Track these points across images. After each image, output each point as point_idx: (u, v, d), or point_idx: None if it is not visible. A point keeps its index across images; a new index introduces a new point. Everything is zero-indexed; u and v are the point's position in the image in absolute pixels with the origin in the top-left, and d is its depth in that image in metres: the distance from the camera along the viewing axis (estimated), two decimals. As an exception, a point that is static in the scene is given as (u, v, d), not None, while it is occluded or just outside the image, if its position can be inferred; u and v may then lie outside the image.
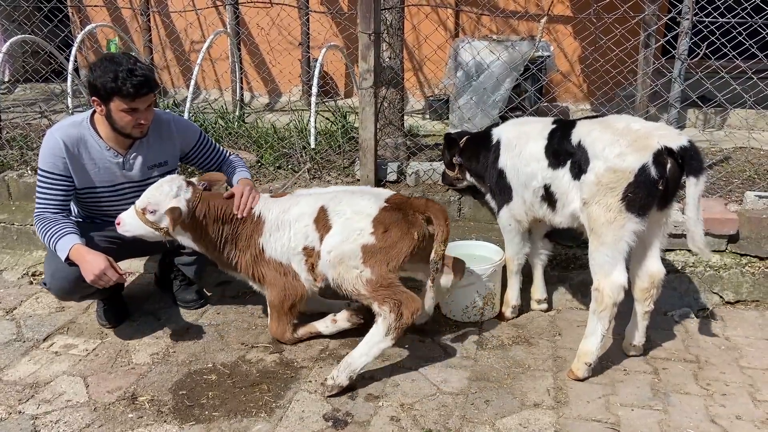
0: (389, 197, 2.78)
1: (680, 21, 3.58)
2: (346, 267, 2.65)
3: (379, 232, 2.65)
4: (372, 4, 3.48)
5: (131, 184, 2.98)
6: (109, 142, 2.88)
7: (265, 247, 2.84)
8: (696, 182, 2.45)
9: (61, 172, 2.82)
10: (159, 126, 2.99)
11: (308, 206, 2.81)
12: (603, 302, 2.61)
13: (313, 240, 2.77)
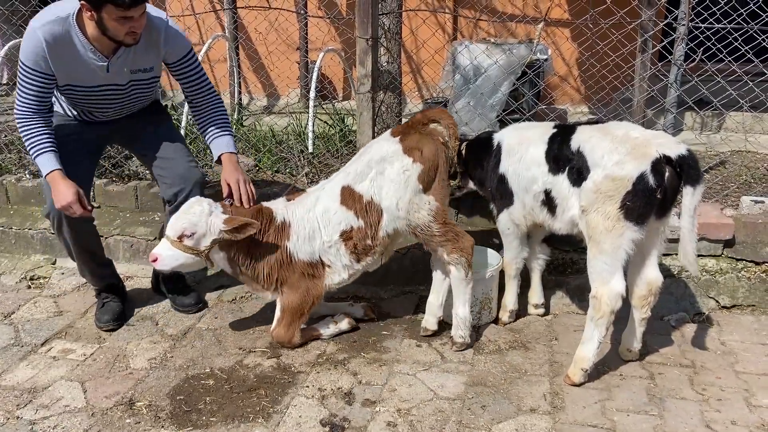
0: (392, 132, 2.94)
1: (676, 27, 3.60)
2: (416, 208, 2.82)
3: (417, 156, 2.81)
4: (369, 9, 3.49)
5: (114, 87, 2.93)
6: (94, 43, 2.78)
7: (293, 251, 2.88)
8: (693, 192, 2.46)
9: (42, 70, 2.76)
10: (149, 32, 2.87)
11: (329, 196, 2.90)
12: (601, 310, 2.61)
13: (348, 220, 2.86)
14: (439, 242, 2.87)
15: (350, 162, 3.00)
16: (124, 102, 3.03)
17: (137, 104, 3.12)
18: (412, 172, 2.81)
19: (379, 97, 4.09)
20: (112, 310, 3.18)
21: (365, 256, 2.95)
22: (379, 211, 2.88)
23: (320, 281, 2.94)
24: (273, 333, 2.97)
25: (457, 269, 2.89)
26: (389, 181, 2.83)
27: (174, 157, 3.10)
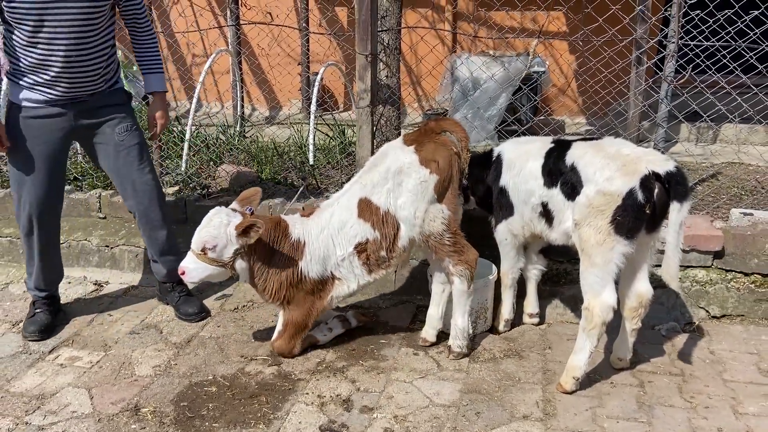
0: (406, 141, 2.98)
1: (666, 44, 3.70)
2: (432, 217, 2.89)
3: (434, 168, 2.88)
4: (369, 27, 3.59)
5: (66, 7, 2.86)
6: None
7: (305, 271, 2.92)
8: (679, 208, 2.54)
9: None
10: None
11: (345, 209, 2.94)
12: (592, 321, 2.69)
13: (364, 233, 2.91)
14: (448, 252, 2.94)
15: (364, 172, 3.02)
16: (79, 30, 2.92)
17: (93, 46, 3.00)
18: (429, 183, 2.87)
19: (379, 110, 4.18)
20: (41, 321, 3.26)
21: (378, 268, 2.99)
22: (395, 222, 2.92)
23: (327, 295, 2.99)
24: (274, 345, 3.03)
25: (460, 281, 2.96)
26: (407, 192, 2.88)
27: (129, 171, 3.20)
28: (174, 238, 3.41)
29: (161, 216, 3.30)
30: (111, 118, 3.16)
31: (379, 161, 2.98)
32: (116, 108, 3.19)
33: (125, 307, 3.53)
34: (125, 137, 3.18)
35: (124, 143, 3.17)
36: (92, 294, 3.68)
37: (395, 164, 2.90)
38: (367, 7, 3.56)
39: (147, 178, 3.23)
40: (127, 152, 3.18)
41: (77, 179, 4.28)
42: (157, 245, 3.35)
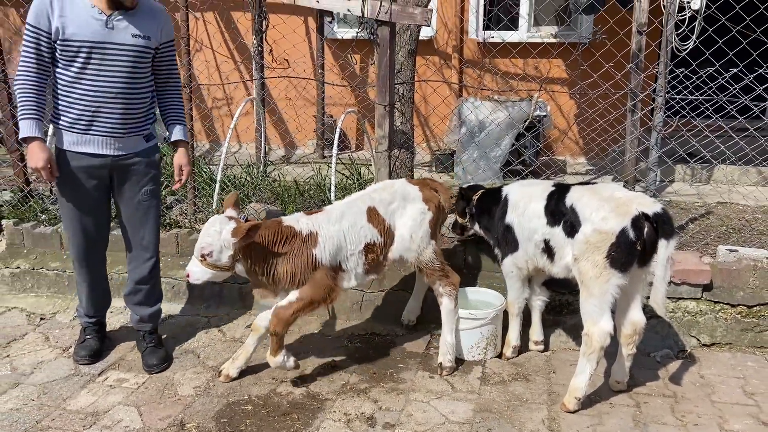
0: (409, 181, 3.59)
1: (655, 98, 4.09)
2: (425, 244, 3.39)
3: (432, 207, 3.45)
4: (387, 81, 3.99)
5: (115, 47, 3.08)
6: (96, 3, 3.04)
7: (319, 256, 3.18)
8: (666, 244, 2.87)
9: (43, 27, 2.99)
10: (151, 6, 3.25)
11: (356, 214, 3.31)
12: (592, 346, 3.00)
13: (372, 236, 3.32)
14: (438, 276, 3.44)
15: (371, 190, 3.48)
16: (123, 71, 3.13)
17: (134, 88, 3.21)
18: (426, 217, 3.42)
19: (394, 154, 4.56)
20: (91, 347, 3.55)
21: (373, 271, 3.40)
22: (392, 237, 3.39)
23: (338, 283, 3.26)
24: (280, 312, 3.15)
25: (449, 300, 3.44)
26: (408, 216, 3.40)
27: (141, 227, 3.44)
28: (156, 292, 3.62)
29: (151, 271, 3.53)
30: (141, 177, 3.37)
31: (388, 186, 3.49)
32: (149, 167, 3.39)
33: (163, 335, 3.84)
34: (148, 199, 3.42)
35: (146, 204, 3.42)
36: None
37: (403, 191, 3.45)
38: (386, 64, 3.97)
39: (155, 237, 3.51)
40: (145, 212, 3.43)
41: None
42: (139, 296, 3.56)
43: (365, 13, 3.88)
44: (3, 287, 4.47)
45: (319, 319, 4.05)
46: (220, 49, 7.41)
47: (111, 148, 3.24)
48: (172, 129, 3.47)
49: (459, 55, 6.99)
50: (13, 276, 4.46)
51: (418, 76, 6.30)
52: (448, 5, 6.85)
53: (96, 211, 3.38)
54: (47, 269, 4.41)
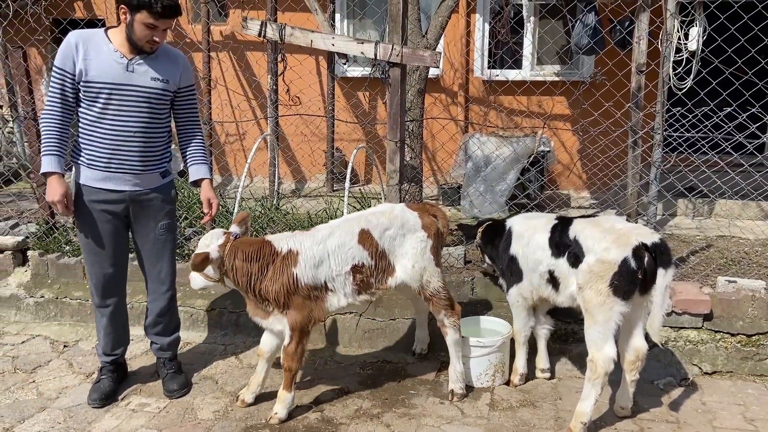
0: (409, 207, 3.56)
1: (654, 135, 4.30)
2: (429, 273, 3.43)
3: (431, 234, 3.46)
4: (399, 119, 4.20)
5: (134, 89, 3.25)
6: (119, 48, 3.23)
7: (299, 276, 3.23)
8: (665, 273, 3.02)
9: (70, 70, 3.17)
10: (170, 51, 3.42)
11: (346, 233, 3.32)
12: (596, 372, 3.13)
13: (361, 257, 3.32)
14: (444, 306, 3.48)
15: (369, 212, 3.48)
16: (142, 112, 3.28)
17: (152, 129, 3.35)
18: (427, 245, 3.44)
19: (404, 188, 4.76)
20: (103, 389, 3.55)
21: (364, 292, 3.38)
22: (390, 263, 3.40)
23: (323, 303, 3.30)
24: (287, 349, 3.28)
25: (454, 331, 3.52)
26: (409, 245, 3.41)
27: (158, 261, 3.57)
28: (174, 322, 3.74)
29: (169, 302, 3.66)
30: (158, 212, 3.49)
31: (388, 211, 3.46)
32: (165, 204, 3.52)
33: (183, 361, 3.97)
34: (164, 233, 3.54)
35: (162, 238, 3.54)
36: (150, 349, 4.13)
37: (403, 218, 3.43)
38: (397, 103, 4.18)
39: (172, 269, 3.64)
40: (162, 246, 3.55)
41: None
42: (158, 326, 3.68)
43: (378, 56, 4.11)
44: (28, 315, 4.63)
45: (332, 346, 4.19)
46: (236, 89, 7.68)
47: (128, 185, 3.36)
48: (194, 168, 3.57)
49: (465, 93, 7.24)
50: (37, 305, 4.63)
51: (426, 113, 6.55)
52: (454, 46, 7.13)
53: (114, 245, 3.46)
54: (71, 298, 4.57)
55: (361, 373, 3.88)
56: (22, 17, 6.18)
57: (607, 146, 4.28)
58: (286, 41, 4.32)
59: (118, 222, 3.45)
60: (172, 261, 3.66)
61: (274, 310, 3.29)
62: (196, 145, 3.58)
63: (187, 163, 3.61)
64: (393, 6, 4.04)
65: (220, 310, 4.38)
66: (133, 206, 3.44)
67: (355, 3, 7.26)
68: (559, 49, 6.56)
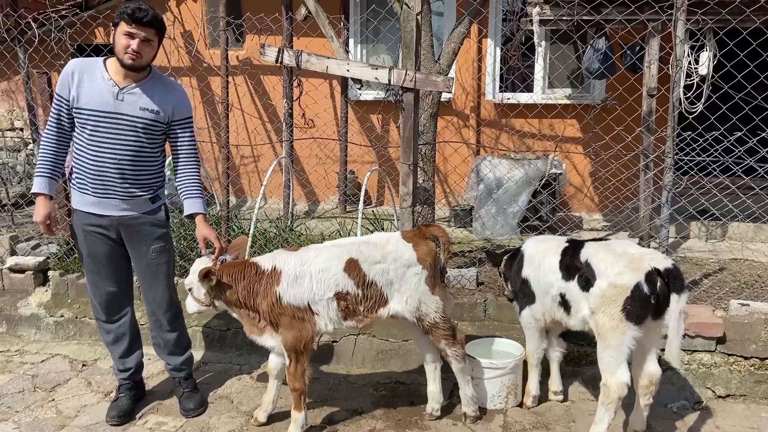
0: (405, 237, 3.40)
1: (665, 158, 4.35)
2: (426, 306, 3.35)
3: (427, 265, 3.35)
4: (412, 142, 4.28)
5: (122, 117, 3.26)
6: (113, 77, 3.26)
7: (282, 295, 3.25)
8: (678, 299, 3.04)
9: (66, 96, 3.26)
10: (168, 84, 3.43)
11: (333, 259, 3.29)
12: (610, 396, 3.13)
13: (346, 285, 3.26)
14: (444, 336, 3.40)
15: (363, 240, 3.42)
16: (130, 141, 3.30)
17: (141, 157, 3.36)
18: (422, 276, 3.33)
19: (417, 210, 4.82)
20: (121, 407, 3.60)
21: (351, 318, 3.33)
22: (382, 294, 3.32)
23: (310, 324, 3.29)
24: (288, 370, 3.33)
25: (457, 361, 3.46)
26: (405, 282, 3.32)
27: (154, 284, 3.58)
28: (183, 341, 3.76)
29: (171, 323, 3.67)
30: (149, 236, 3.50)
31: (381, 245, 3.35)
32: (155, 226, 3.51)
33: (198, 380, 4.03)
34: (156, 257, 3.53)
35: (155, 262, 3.53)
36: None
37: (396, 253, 3.32)
38: (410, 127, 4.27)
39: (168, 293, 3.62)
40: (156, 269, 3.55)
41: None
42: (167, 347, 3.71)
43: (391, 81, 4.21)
44: (47, 335, 4.72)
45: (346, 367, 4.22)
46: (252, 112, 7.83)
47: (116, 210, 3.38)
48: (189, 202, 3.52)
49: (477, 116, 7.33)
50: (57, 324, 4.72)
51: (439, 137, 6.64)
52: (466, 70, 7.24)
53: (112, 265, 3.49)
54: (89, 318, 4.65)
55: (375, 394, 3.91)
56: (47, 44, 6.37)
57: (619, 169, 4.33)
58: (302, 67, 4.43)
59: (114, 244, 3.47)
60: (169, 284, 3.63)
61: (266, 327, 3.35)
62: (191, 178, 3.52)
63: (181, 196, 3.55)
64: (407, 33, 4.14)
65: (235, 330, 4.44)
66: (124, 230, 3.45)
67: (369, 30, 7.41)
68: (570, 73, 6.65)
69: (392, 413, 3.66)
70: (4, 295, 4.97)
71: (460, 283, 4.64)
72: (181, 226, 5.37)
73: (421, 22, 4.27)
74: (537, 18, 5.16)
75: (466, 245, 5.95)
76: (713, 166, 4.07)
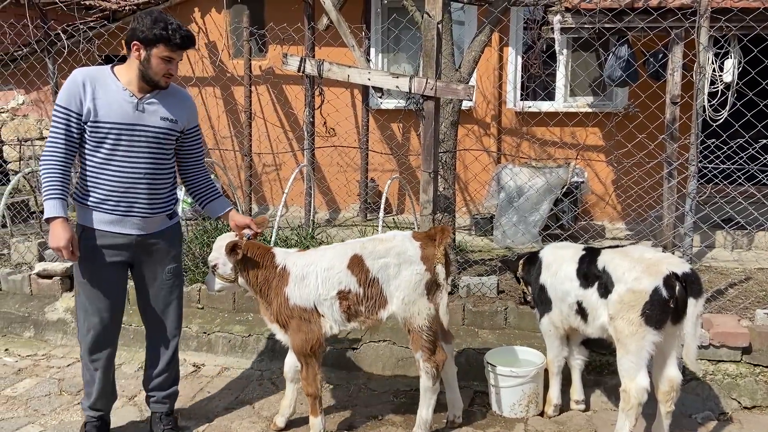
0: (415, 236, 3.32)
1: (688, 166, 4.31)
2: (418, 308, 3.23)
3: (430, 266, 3.23)
4: (432, 149, 4.30)
5: (144, 129, 3.12)
6: (128, 86, 3.09)
7: (289, 296, 3.25)
8: (695, 303, 3.02)
9: (74, 109, 3.02)
10: (179, 92, 3.31)
11: (337, 257, 3.26)
12: (630, 402, 3.12)
13: (349, 283, 3.22)
14: (422, 346, 3.25)
15: (368, 239, 3.38)
16: (151, 153, 3.16)
17: (160, 170, 3.23)
18: (423, 278, 3.21)
19: (437, 217, 4.83)
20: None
21: (354, 319, 3.28)
22: (383, 294, 3.24)
23: (318, 327, 3.26)
24: (301, 374, 3.35)
25: (427, 377, 3.27)
26: (404, 279, 3.21)
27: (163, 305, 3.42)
28: (174, 371, 3.54)
29: (173, 353, 3.49)
30: (165, 257, 3.35)
31: (387, 240, 3.30)
32: (172, 246, 3.39)
33: (220, 386, 4.08)
34: (171, 278, 3.39)
35: (169, 283, 3.39)
36: (192, 374, 4.26)
37: (400, 248, 3.24)
38: (431, 135, 4.29)
39: (178, 316, 3.48)
40: (169, 291, 3.40)
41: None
42: (156, 379, 3.48)
43: (412, 90, 4.24)
44: (74, 339, 4.79)
45: (366, 374, 4.24)
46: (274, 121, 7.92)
47: (137, 228, 3.21)
48: (217, 203, 3.48)
49: (497, 125, 7.33)
50: (82, 328, 4.79)
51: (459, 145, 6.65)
52: (487, 78, 7.25)
53: (116, 292, 3.31)
54: (114, 323, 4.73)
55: (395, 401, 3.92)
56: (76, 54, 6.53)
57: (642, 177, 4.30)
58: (324, 76, 4.48)
59: (122, 266, 3.30)
60: (180, 306, 3.50)
61: (274, 322, 3.35)
62: (209, 183, 3.49)
63: (204, 201, 3.49)
64: (428, 42, 4.17)
65: (257, 336, 4.49)
66: (139, 251, 3.28)
67: (390, 39, 7.47)
68: (592, 81, 6.63)
69: (412, 420, 3.63)
70: (32, 300, 5.08)
71: (481, 291, 4.63)
72: (204, 233, 5.45)
73: (442, 30, 4.29)
74: (558, 26, 5.16)
75: (487, 253, 5.94)
76: (738, 173, 4.02)
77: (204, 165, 3.52)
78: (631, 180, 4.40)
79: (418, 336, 3.25)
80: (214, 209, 3.50)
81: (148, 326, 3.47)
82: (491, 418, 3.68)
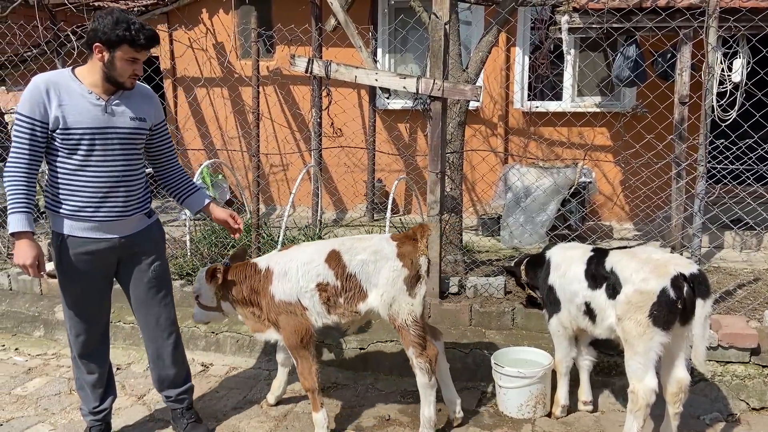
0: (393, 237, 3.38)
1: (697, 167, 4.29)
2: (399, 305, 3.26)
3: (407, 263, 3.26)
4: (439, 150, 4.30)
5: (115, 131, 3.05)
6: (92, 88, 3.00)
7: (274, 293, 3.35)
8: (703, 304, 3.01)
9: (40, 118, 2.91)
10: (142, 89, 3.22)
11: (316, 252, 3.35)
12: (638, 403, 3.11)
13: (326, 276, 3.29)
14: (412, 342, 3.27)
15: (347, 238, 3.47)
16: (124, 154, 3.10)
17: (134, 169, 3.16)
18: (400, 274, 3.25)
19: (444, 217, 4.84)
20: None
21: (334, 311, 3.34)
22: (362, 288, 3.29)
23: (303, 319, 3.34)
24: (297, 370, 3.41)
25: (422, 374, 3.28)
26: (383, 276, 3.26)
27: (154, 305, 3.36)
28: (183, 371, 3.52)
29: (174, 349, 3.45)
30: (149, 255, 3.30)
31: (365, 239, 3.40)
32: (155, 244, 3.35)
33: (229, 386, 4.10)
34: (157, 275, 3.34)
35: (156, 281, 3.33)
36: (200, 374, 4.28)
37: (378, 246, 3.32)
38: (438, 135, 4.30)
39: (169, 312, 3.41)
40: (158, 288, 3.34)
41: (189, 274, 5.01)
42: (166, 380, 3.47)
43: (419, 90, 4.25)
44: (83, 338, 4.84)
45: (374, 374, 4.24)
46: (282, 122, 7.95)
47: (116, 231, 3.15)
48: (195, 197, 3.44)
49: (505, 125, 7.32)
50: (92, 328, 4.83)
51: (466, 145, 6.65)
52: (494, 79, 7.24)
53: (99, 297, 3.27)
54: (123, 322, 4.76)
55: (402, 401, 3.93)
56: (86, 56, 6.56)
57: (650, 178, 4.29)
58: (331, 77, 4.49)
59: (105, 271, 3.24)
60: (172, 303, 3.44)
61: (270, 326, 3.43)
62: (184, 177, 3.45)
63: (181, 197, 3.44)
64: (435, 43, 4.18)
65: (264, 336, 4.50)
66: (123, 252, 3.23)
67: (397, 40, 7.47)
68: (600, 81, 6.61)
69: (419, 420, 3.65)
70: (42, 300, 5.12)
71: (488, 292, 4.63)
72: (212, 233, 5.48)
73: (449, 31, 4.30)
74: (566, 26, 5.16)
75: (494, 254, 5.94)
76: (747, 174, 4.00)
77: (177, 159, 3.46)
78: (639, 180, 4.39)
79: (405, 332, 3.29)
80: (193, 204, 3.46)
81: (143, 326, 3.43)
82: (499, 418, 3.69)
